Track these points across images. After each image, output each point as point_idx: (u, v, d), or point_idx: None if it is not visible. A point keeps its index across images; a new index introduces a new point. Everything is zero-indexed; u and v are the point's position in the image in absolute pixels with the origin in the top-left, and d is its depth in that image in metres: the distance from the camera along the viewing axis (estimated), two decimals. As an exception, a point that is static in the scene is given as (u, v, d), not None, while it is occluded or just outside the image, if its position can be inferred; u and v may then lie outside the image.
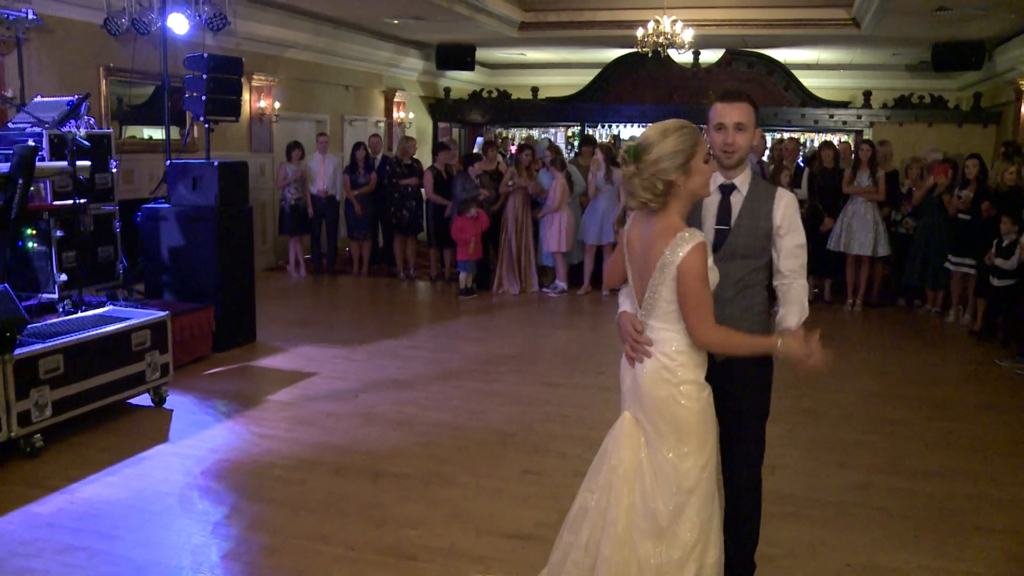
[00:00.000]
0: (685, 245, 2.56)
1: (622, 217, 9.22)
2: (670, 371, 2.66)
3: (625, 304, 2.85)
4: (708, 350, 2.69)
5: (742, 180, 2.96)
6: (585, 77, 15.84)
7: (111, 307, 5.97)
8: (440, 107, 16.33)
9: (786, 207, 2.91)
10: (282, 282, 10.81)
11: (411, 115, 15.47)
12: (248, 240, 7.46)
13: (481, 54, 16.01)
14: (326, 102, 13.03)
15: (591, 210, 9.84)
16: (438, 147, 11.01)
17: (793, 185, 9.35)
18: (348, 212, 11.24)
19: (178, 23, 7.89)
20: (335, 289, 10.66)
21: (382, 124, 14.67)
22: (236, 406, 5.72)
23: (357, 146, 11.19)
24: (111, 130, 7.27)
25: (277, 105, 11.60)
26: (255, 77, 11.16)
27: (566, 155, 16.23)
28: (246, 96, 10.98)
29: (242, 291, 7.37)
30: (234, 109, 7.52)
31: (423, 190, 10.85)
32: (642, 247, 2.70)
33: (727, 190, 2.94)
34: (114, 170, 6.95)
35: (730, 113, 2.89)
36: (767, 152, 10.13)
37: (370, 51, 13.56)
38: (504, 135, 16.96)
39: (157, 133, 9.45)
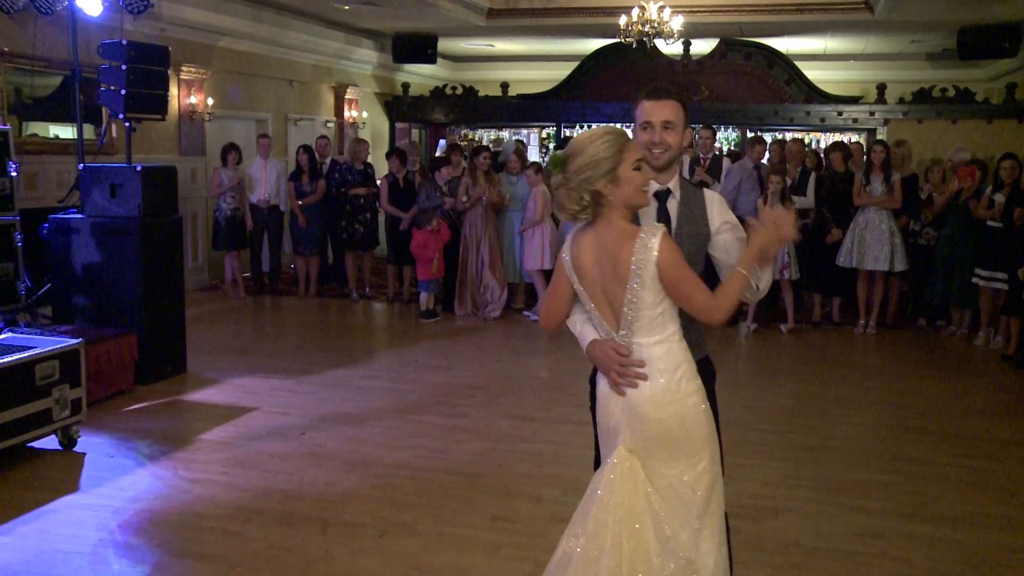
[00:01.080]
0: (652, 239, 2.70)
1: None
2: (673, 387, 2.77)
3: (588, 332, 2.93)
4: (720, 321, 2.82)
5: (675, 184, 3.10)
6: (561, 71, 15.95)
7: (9, 334, 5.86)
8: (398, 105, 16.37)
9: (719, 207, 3.10)
10: (217, 304, 10.74)
11: (364, 114, 15.49)
12: (177, 256, 7.41)
13: (444, 45, 16.08)
14: (267, 99, 13.00)
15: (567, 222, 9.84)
16: (393, 151, 11.01)
17: (797, 191, 9.44)
18: (293, 224, 11.21)
19: (89, 3, 7.73)
20: (278, 312, 10.59)
21: (332, 124, 14.67)
22: (162, 447, 5.64)
23: (303, 149, 11.18)
24: (8, 127, 7.16)
25: (210, 102, 11.56)
26: (184, 69, 11.11)
27: (535, 158, 16.40)
28: (174, 91, 10.93)
29: (170, 314, 7.30)
30: (159, 105, 7.47)
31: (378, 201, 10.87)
32: (602, 264, 2.80)
33: (663, 196, 3.06)
34: (13, 174, 6.81)
35: (657, 111, 3.02)
36: (765, 156, 10.17)
37: (318, 41, 13.58)
38: (470, 137, 17.01)
39: (66, 131, 9.35)
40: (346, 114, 14.93)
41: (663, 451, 2.76)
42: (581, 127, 16.11)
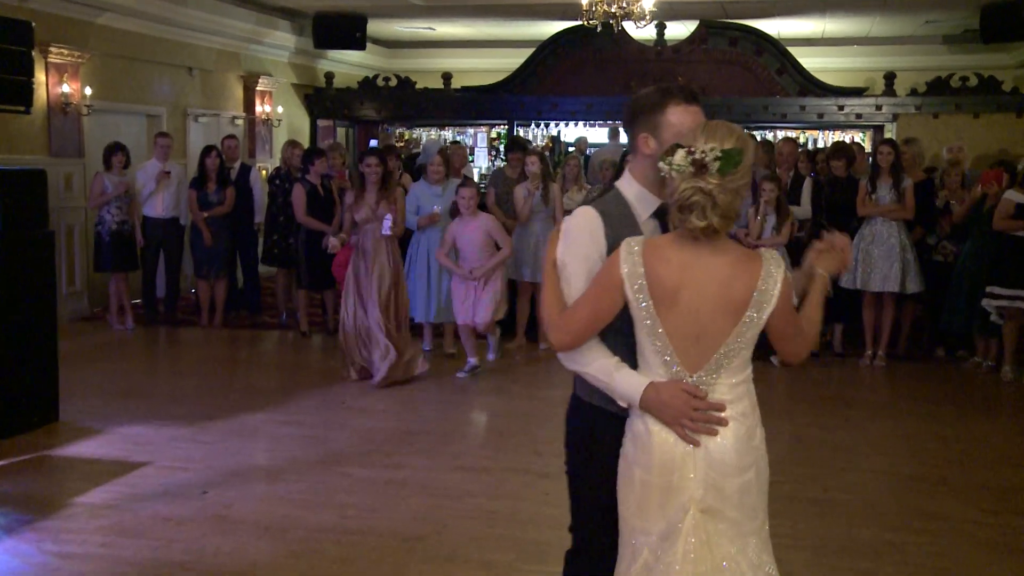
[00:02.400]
0: (777, 269, 2.87)
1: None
2: (751, 434, 2.95)
3: (630, 375, 2.93)
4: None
5: None
6: (514, 60, 16.05)
7: None
8: (320, 99, 16.34)
9: None
10: (99, 337, 10.60)
11: (280, 109, 15.43)
12: (47, 279, 7.31)
13: (375, 28, 16.09)
14: (161, 90, 12.88)
15: (521, 238, 9.83)
16: (312, 153, 10.99)
17: (790, 200, 9.54)
18: (195, 241, 11.11)
19: None
20: (176, 346, 10.48)
21: (241, 121, 14.58)
22: (23, 515, 5.50)
23: (207, 151, 11.10)
24: None
25: (88, 91, 11.40)
26: (54, 50, 10.96)
27: (484, 164, 16.50)
28: (40, 77, 10.71)
29: (38, 351, 7.18)
30: (21, 95, 7.36)
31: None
32: (702, 289, 2.84)
33: (663, 214, 3.10)
34: None
35: (699, 118, 3.04)
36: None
37: (223, 21, 13.52)
38: (407, 136, 17.02)
39: None
40: (258, 109, 14.85)
41: (737, 512, 2.87)
42: (537, 125, 16.24)
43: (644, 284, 2.83)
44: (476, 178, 14.64)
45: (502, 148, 16.20)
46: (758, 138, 11.68)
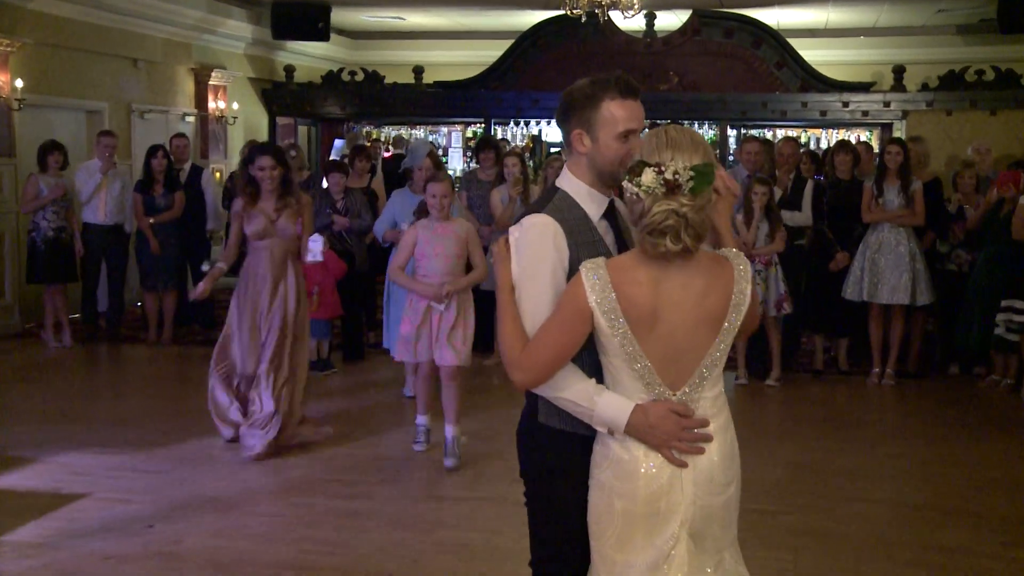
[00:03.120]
0: (745, 266, 3.00)
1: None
2: (733, 443, 3.08)
3: (613, 399, 2.94)
4: None
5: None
6: (491, 52, 16.08)
7: None
8: (279, 94, 16.32)
9: None
10: (33, 355, 10.56)
11: (236, 105, 15.39)
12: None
13: (339, 17, 16.09)
14: (103, 83, 12.83)
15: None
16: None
17: (791, 204, 9.56)
18: (141, 249, 11.08)
19: None
20: (119, 365, 10.45)
21: (192, 119, 14.54)
22: (-46, 549, 5.46)
23: (154, 151, 11.08)
24: None
25: (20, 84, 11.36)
26: (-23, 38, 10.93)
27: (459, 166, 16.47)
28: (-39, 67, 10.73)
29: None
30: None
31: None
32: (681, 305, 2.89)
33: (611, 211, 3.20)
34: None
35: (638, 114, 3.12)
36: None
37: (171, 8, 13.50)
38: (375, 136, 16.99)
39: None
40: (211, 105, 14.81)
41: (719, 528, 3.01)
42: (517, 124, 16.24)
43: (617, 309, 2.85)
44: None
45: (470, 150, 16.23)
46: (757, 136, 11.70)
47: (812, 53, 15.46)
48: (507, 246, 3.06)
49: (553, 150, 15.71)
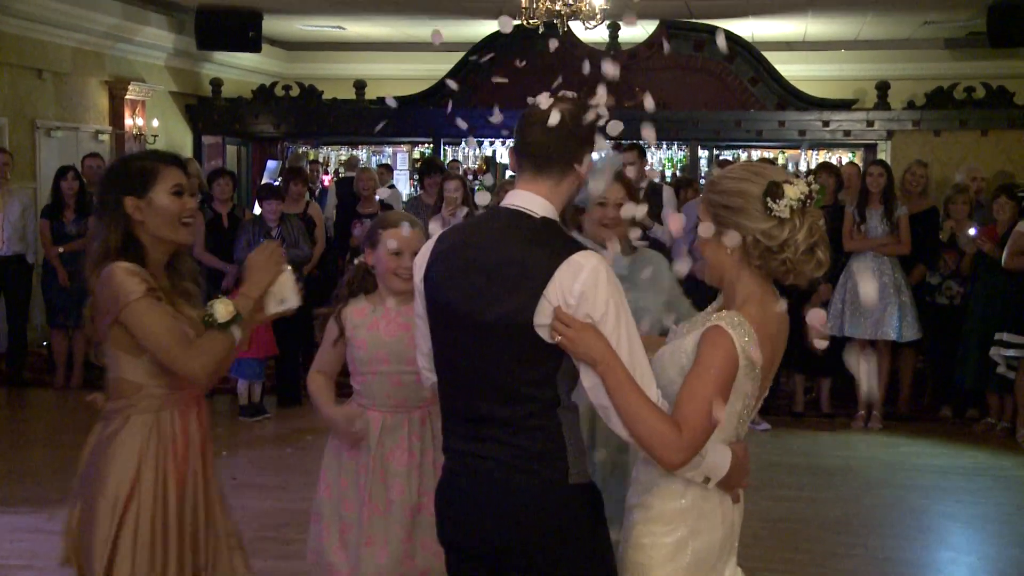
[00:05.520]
0: None
1: None
2: None
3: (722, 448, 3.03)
4: None
5: None
6: (440, 65, 16.06)
7: None
8: (205, 110, 16.24)
9: None
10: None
11: (156, 123, 15.25)
12: None
13: (272, 26, 16.04)
14: (2, 96, 12.64)
15: None
16: (216, 174, 10.98)
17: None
18: (48, 282, 10.97)
19: None
20: (21, 411, 10.35)
21: (106, 137, 14.41)
22: None
23: (63, 173, 10.96)
24: None
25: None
26: None
27: (405, 190, 16.42)
28: None
29: None
30: None
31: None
32: (775, 341, 3.08)
33: None
34: None
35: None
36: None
37: (81, 14, 13.37)
38: (312, 157, 16.93)
39: None
40: (127, 122, 14.67)
41: None
42: (467, 144, 16.21)
43: (758, 352, 2.94)
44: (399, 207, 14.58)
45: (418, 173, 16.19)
46: (731, 159, 11.76)
47: (789, 68, 15.62)
48: (566, 314, 2.89)
49: (509, 174, 15.66)
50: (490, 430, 3.01)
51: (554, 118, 3.10)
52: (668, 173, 14.97)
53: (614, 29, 14.99)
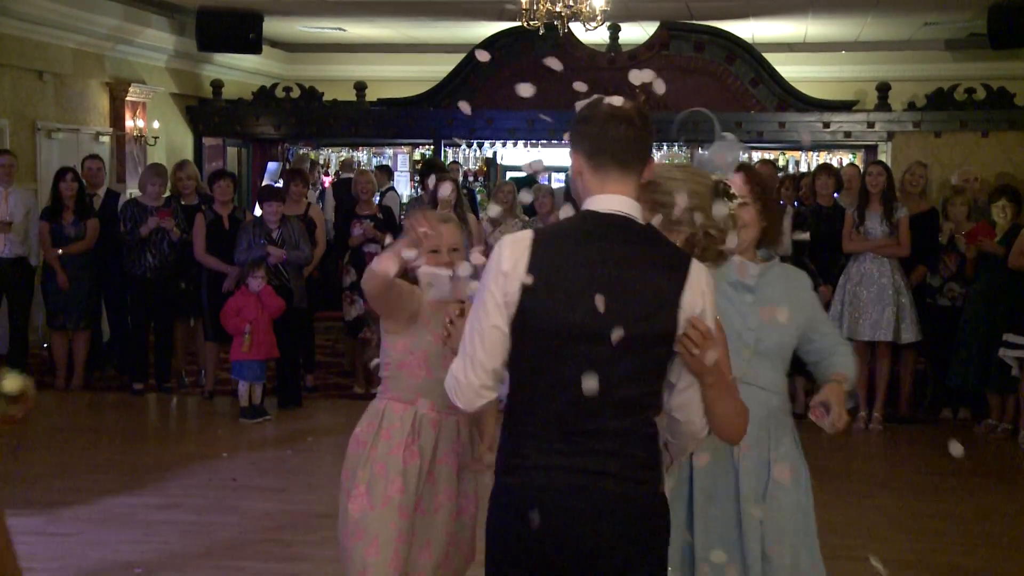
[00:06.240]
0: None
1: None
2: None
3: None
4: None
5: None
6: (441, 67, 16.09)
7: None
8: (206, 112, 16.24)
9: None
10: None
11: (156, 124, 15.24)
12: None
13: (272, 27, 16.04)
14: (3, 98, 12.63)
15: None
16: (216, 176, 10.99)
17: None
18: (48, 284, 10.97)
19: None
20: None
21: (106, 139, 14.39)
22: None
23: (62, 174, 10.95)
24: None
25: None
26: None
27: (406, 192, 16.44)
28: None
29: None
30: None
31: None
32: None
33: None
34: None
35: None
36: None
37: (81, 15, 13.34)
38: (312, 158, 16.93)
39: None
40: (128, 123, 14.64)
41: None
42: (470, 145, 16.22)
43: None
44: (397, 210, 14.59)
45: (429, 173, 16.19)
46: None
47: (790, 69, 15.61)
48: (704, 326, 2.99)
49: (510, 175, 15.70)
50: (602, 443, 2.99)
51: (634, 115, 3.13)
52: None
53: (614, 30, 15.00)
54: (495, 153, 16.56)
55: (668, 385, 3.09)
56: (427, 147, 16.44)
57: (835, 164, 13.61)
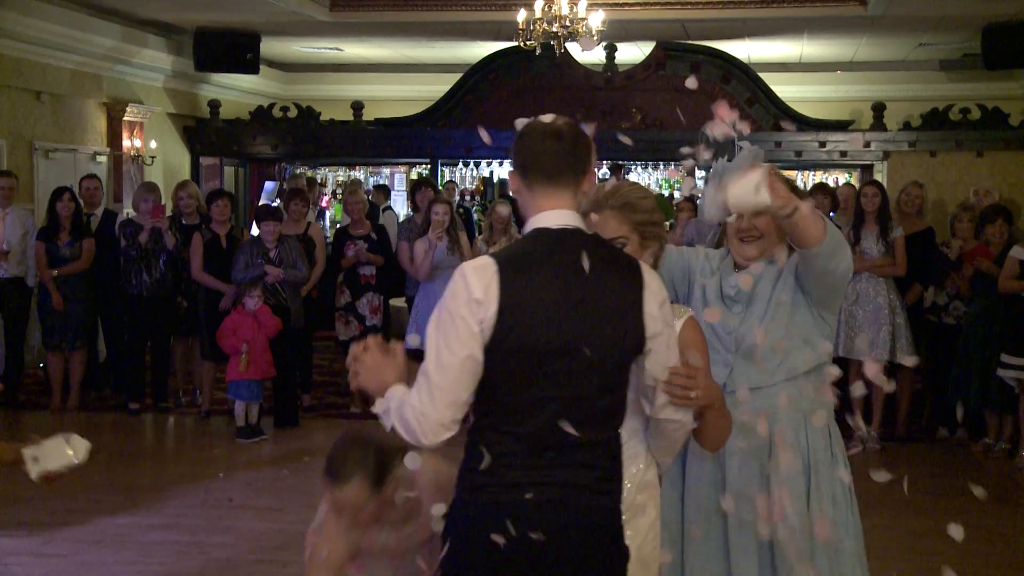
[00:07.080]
0: None
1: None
2: None
3: None
4: None
5: None
6: (438, 87, 16.15)
7: None
8: (203, 132, 16.27)
9: None
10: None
11: (153, 144, 15.25)
12: None
13: (270, 48, 16.07)
14: (0, 117, 12.64)
15: (425, 298, 9.91)
16: (214, 195, 10.98)
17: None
18: (44, 304, 10.94)
19: None
20: (18, 434, 10.14)
21: (104, 158, 14.40)
22: None
23: (58, 194, 10.93)
24: None
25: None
26: None
27: (402, 211, 16.42)
28: None
29: None
30: None
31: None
32: None
33: None
34: None
35: None
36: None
37: (79, 36, 13.37)
38: (309, 176, 16.93)
39: None
40: (125, 143, 14.66)
41: None
42: (466, 165, 16.23)
43: None
44: (393, 230, 14.60)
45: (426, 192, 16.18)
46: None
47: (786, 89, 15.66)
48: (684, 369, 3.15)
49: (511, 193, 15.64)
50: (573, 456, 3.01)
51: (564, 129, 3.17)
52: (665, 193, 14.99)
53: (611, 50, 15.03)
54: (491, 172, 16.56)
55: (647, 389, 3.15)
56: (424, 166, 16.45)
57: (831, 184, 13.58)
